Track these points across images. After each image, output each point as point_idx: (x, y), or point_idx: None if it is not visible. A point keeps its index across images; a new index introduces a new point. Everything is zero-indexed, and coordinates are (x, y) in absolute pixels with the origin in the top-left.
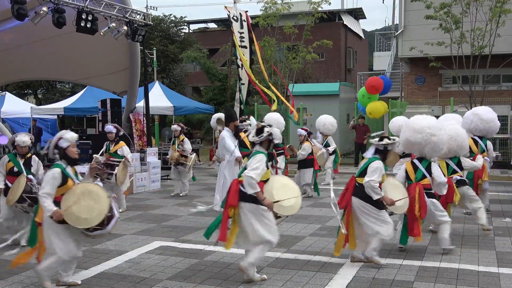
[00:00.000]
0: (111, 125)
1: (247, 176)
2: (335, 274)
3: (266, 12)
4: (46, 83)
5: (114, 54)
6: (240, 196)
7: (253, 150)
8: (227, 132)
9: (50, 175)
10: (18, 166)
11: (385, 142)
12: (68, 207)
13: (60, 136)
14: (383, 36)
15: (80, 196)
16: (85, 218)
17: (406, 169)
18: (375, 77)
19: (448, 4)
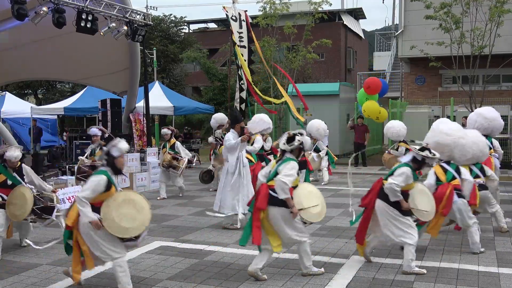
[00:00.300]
0: (96, 128)
1: (281, 181)
2: (335, 274)
3: (265, 12)
4: (46, 83)
5: (114, 54)
6: (269, 200)
7: (283, 157)
8: (232, 134)
9: (96, 181)
10: (12, 178)
11: (425, 154)
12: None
13: (114, 144)
14: (383, 36)
15: (122, 205)
16: (126, 228)
17: (435, 172)
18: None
19: (448, 4)
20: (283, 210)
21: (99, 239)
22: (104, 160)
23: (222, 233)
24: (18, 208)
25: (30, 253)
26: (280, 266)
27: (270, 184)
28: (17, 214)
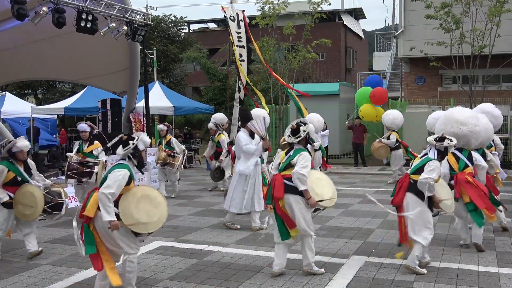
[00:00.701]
0: (84, 124)
1: (300, 173)
2: (335, 274)
3: (263, 12)
4: (46, 83)
5: (114, 54)
6: (285, 188)
7: (294, 148)
8: (244, 133)
9: (120, 175)
10: (21, 175)
11: (446, 143)
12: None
13: (140, 138)
14: (383, 36)
15: (140, 200)
16: (145, 223)
17: (448, 160)
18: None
19: (449, 4)
20: (298, 198)
21: (115, 233)
22: (128, 154)
23: (222, 233)
24: (28, 208)
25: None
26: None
27: (284, 174)
28: (28, 213)
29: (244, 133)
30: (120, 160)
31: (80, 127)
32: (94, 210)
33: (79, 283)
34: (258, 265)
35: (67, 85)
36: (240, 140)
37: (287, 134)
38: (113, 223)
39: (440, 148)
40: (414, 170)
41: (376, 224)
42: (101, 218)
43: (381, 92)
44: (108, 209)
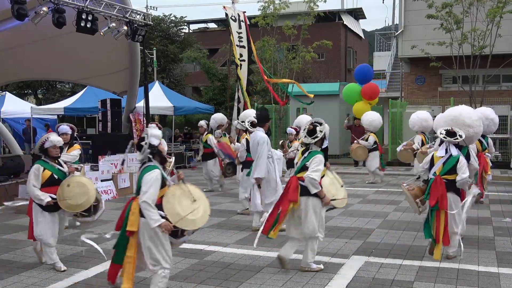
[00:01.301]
0: (66, 125)
1: (310, 177)
2: (335, 274)
3: (265, 12)
4: (46, 83)
5: (114, 54)
6: (300, 191)
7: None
8: (263, 133)
9: (153, 177)
10: (58, 172)
11: (459, 137)
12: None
13: (149, 133)
14: (383, 36)
15: (181, 198)
16: (193, 220)
17: None
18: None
19: (450, 4)
20: (314, 200)
21: (154, 245)
22: (148, 155)
23: (222, 233)
24: (80, 197)
25: (30, 253)
26: (280, 266)
27: (299, 176)
28: (81, 202)
29: (263, 133)
30: (145, 163)
31: (61, 129)
32: (137, 223)
33: (79, 283)
34: (258, 265)
35: (67, 85)
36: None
37: (303, 134)
38: (163, 224)
39: (458, 143)
40: (447, 171)
41: (376, 224)
42: (144, 228)
43: (371, 87)
44: (153, 215)
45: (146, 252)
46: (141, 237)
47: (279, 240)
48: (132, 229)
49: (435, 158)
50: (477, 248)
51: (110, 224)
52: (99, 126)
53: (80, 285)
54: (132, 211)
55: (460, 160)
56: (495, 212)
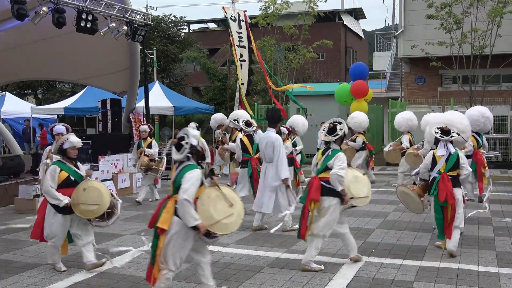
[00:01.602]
0: (62, 125)
1: (338, 174)
2: (335, 274)
3: (266, 12)
4: (46, 83)
5: (114, 54)
6: (322, 191)
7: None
8: (275, 134)
9: (194, 176)
10: (75, 174)
11: (455, 136)
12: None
13: (189, 133)
14: (383, 36)
15: (216, 200)
16: (226, 224)
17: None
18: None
19: (449, 4)
20: (335, 200)
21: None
22: (187, 154)
23: None
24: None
25: (30, 253)
26: (280, 266)
27: (321, 177)
28: (93, 209)
29: (275, 133)
30: (183, 163)
31: (56, 129)
32: (170, 221)
33: (79, 283)
34: (258, 265)
35: (67, 85)
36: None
37: (324, 133)
38: (200, 224)
39: (453, 140)
40: (450, 167)
41: (376, 224)
42: (172, 226)
43: (360, 84)
44: (193, 213)
45: (163, 248)
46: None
47: (279, 240)
48: (163, 226)
49: (436, 157)
50: (477, 248)
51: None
52: (99, 126)
53: (80, 285)
54: (167, 209)
55: (461, 157)
56: (495, 212)
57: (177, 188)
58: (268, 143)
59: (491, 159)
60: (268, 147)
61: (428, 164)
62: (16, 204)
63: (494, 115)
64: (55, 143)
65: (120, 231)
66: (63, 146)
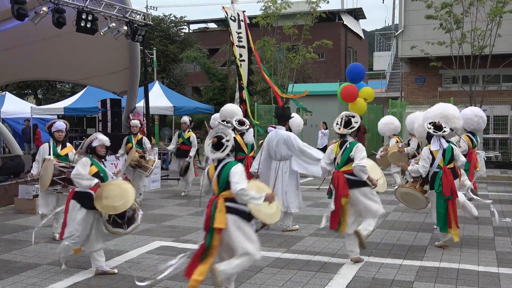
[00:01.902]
0: (63, 122)
1: (361, 165)
2: (335, 274)
3: (266, 12)
4: (46, 83)
5: (114, 54)
6: (349, 184)
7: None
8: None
9: (241, 170)
10: (104, 172)
11: (447, 130)
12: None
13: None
14: (383, 36)
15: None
16: (271, 214)
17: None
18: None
19: (449, 4)
20: (363, 189)
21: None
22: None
23: None
24: (117, 199)
25: (30, 253)
26: (280, 266)
27: (344, 170)
28: (117, 205)
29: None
30: (223, 160)
31: (57, 126)
32: (225, 220)
33: (79, 283)
34: (258, 265)
35: (67, 85)
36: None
37: (338, 126)
38: (267, 196)
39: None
40: (448, 161)
41: (376, 224)
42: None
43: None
44: (256, 195)
45: (237, 245)
46: (225, 234)
47: (279, 240)
48: (220, 226)
49: (434, 152)
50: (477, 248)
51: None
52: (99, 126)
53: (80, 285)
54: (219, 208)
55: (454, 149)
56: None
57: (222, 186)
58: (280, 141)
59: (491, 159)
60: (281, 145)
61: (428, 160)
62: (16, 204)
63: (494, 115)
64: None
65: None
66: (92, 144)
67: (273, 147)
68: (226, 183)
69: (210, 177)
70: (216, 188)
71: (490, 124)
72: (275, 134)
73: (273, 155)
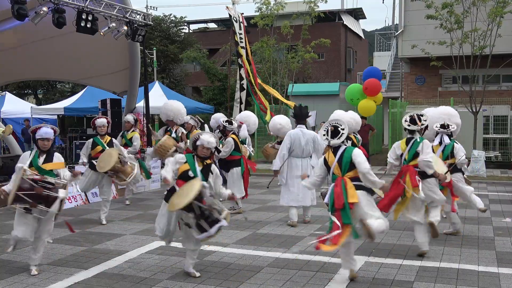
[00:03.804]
0: (49, 128)
1: (427, 160)
2: (335, 274)
3: (261, 13)
4: (46, 83)
5: (114, 54)
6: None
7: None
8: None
9: (361, 153)
10: (195, 172)
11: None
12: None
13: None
14: (383, 36)
15: None
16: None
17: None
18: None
19: (450, 4)
20: (430, 180)
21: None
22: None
23: (222, 233)
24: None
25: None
26: (280, 266)
27: (413, 164)
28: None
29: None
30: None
31: (41, 133)
32: (356, 195)
33: (79, 283)
34: (258, 265)
35: (67, 85)
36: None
37: (407, 123)
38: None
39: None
40: (446, 157)
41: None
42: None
43: (374, 83)
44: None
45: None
46: (356, 207)
47: (279, 240)
48: (354, 200)
49: (434, 147)
50: (477, 248)
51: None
52: None
53: (80, 285)
54: (349, 186)
55: (455, 146)
56: (495, 212)
57: (346, 168)
58: (309, 140)
59: (491, 159)
60: (310, 143)
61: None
62: None
63: (494, 115)
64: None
65: (120, 231)
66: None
67: (301, 145)
68: (349, 165)
69: (329, 163)
70: (338, 172)
71: (490, 124)
72: (301, 132)
73: (300, 153)
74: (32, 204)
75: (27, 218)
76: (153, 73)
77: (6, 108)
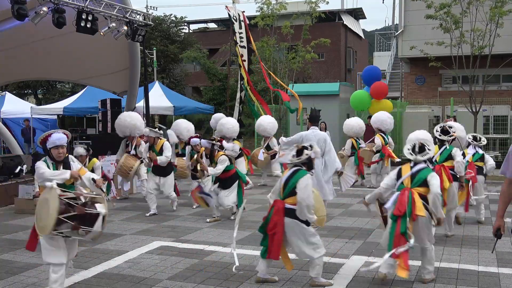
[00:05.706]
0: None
1: (460, 161)
2: (335, 274)
3: (262, 13)
4: (46, 83)
5: (114, 54)
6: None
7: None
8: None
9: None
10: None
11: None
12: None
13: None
14: (383, 36)
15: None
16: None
17: None
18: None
19: (448, 4)
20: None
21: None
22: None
23: (222, 233)
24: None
25: (30, 253)
26: (280, 266)
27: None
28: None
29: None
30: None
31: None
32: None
33: (79, 283)
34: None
35: (67, 85)
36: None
37: (438, 133)
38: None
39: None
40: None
41: (376, 224)
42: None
43: (379, 86)
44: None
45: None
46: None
47: None
48: (421, 213)
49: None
50: (477, 248)
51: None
52: (99, 126)
53: (80, 285)
54: (417, 199)
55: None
56: (495, 212)
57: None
58: (320, 140)
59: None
60: (321, 143)
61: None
62: (16, 204)
63: (494, 115)
64: None
65: (120, 231)
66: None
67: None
68: (421, 182)
69: (403, 174)
70: (408, 183)
71: (490, 124)
72: (313, 134)
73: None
74: (74, 227)
75: (58, 241)
76: (153, 73)
77: (6, 108)
